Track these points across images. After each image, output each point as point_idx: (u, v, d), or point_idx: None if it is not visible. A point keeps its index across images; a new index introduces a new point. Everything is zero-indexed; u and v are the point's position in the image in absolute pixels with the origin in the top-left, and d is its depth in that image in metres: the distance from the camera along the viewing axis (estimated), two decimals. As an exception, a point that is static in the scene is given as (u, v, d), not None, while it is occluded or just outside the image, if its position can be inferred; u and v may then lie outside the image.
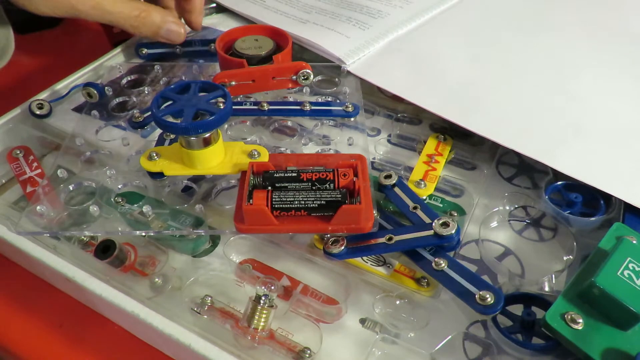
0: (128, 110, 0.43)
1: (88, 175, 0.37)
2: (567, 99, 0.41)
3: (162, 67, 0.47)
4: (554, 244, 0.35)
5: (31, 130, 0.42)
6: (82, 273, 0.30)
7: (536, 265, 0.33)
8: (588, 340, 0.26)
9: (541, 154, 0.36)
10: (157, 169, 0.34)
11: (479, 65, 0.45)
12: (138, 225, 0.34)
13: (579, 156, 0.36)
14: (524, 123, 0.39)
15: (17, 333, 0.33)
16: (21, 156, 0.40)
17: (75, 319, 0.34)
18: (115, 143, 0.40)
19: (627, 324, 0.26)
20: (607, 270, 0.27)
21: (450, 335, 0.29)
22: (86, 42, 0.62)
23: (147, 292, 0.31)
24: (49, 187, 0.36)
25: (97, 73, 0.47)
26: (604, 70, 0.44)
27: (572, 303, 0.28)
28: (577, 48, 0.47)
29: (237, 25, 0.51)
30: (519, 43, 0.48)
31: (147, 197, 0.36)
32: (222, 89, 0.33)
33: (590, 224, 0.34)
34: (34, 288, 0.35)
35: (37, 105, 0.42)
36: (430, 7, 0.52)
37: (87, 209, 0.34)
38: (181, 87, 0.33)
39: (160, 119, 0.31)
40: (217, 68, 0.46)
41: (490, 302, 0.27)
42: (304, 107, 0.40)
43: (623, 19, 0.51)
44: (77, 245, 0.34)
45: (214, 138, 0.32)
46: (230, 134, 0.41)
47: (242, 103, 0.40)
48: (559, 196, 0.36)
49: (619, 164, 0.36)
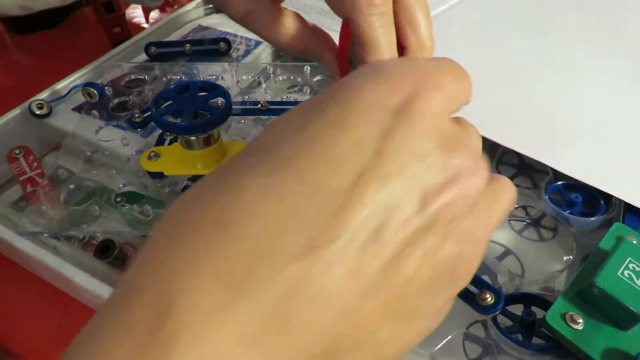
0: (128, 110, 0.43)
1: (88, 175, 0.37)
2: (567, 98, 0.41)
3: (162, 67, 0.47)
4: (554, 244, 0.35)
5: (31, 130, 0.42)
6: (82, 273, 0.30)
7: (536, 265, 0.33)
8: (588, 340, 0.26)
9: (541, 154, 0.36)
10: (157, 169, 0.34)
11: (478, 65, 0.45)
12: (138, 225, 0.34)
13: (579, 156, 0.36)
14: (524, 123, 0.39)
15: (17, 333, 0.33)
16: (21, 156, 0.40)
17: (75, 319, 0.34)
18: (115, 143, 0.40)
19: (627, 324, 0.26)
20: (607, 270, 0.27)
21: (450, 335, 0.29)
22: (86, 42, 0.62)
23: (147, 292, 0.31)
24: (49, 187, 0.36)
25: (97, 73, 0.47)
26: (604, 70, 0.44)
27: (572, 303, 0.28)
28: (577, 48, 0.47)
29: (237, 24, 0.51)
30: (519, 43, 0.47)
31: (147, 197, 0.36)
32: (222, 88, 0.33)
33: (590, 224, 0.34)
34: (34, 288, 0.35)
35: (37, 105, 0.42)
36: (430, 6, 0.52)
37: (87, 209, 0.34)
38: (181, 87, 0.33)
39: (160, 119, 0.31)
40: (217, 68, 0.46)
41: (490, 302, 0.27)
42: (304, 107, 0.40)
43: (624, 19, 0.51)
44: (77, 245, 0.34)
45: (213, 138, 0.32)
46: (230, 134, 0.41)
47: (242, 103, 0.40)
48: (559, 196, 0.36)
49: (619, 164, 0.36)
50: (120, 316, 0.14)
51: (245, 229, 0.14)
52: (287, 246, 0.14)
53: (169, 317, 0.13)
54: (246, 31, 0.52)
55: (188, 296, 0.13)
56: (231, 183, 0.15)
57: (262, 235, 0.14)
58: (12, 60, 0.58)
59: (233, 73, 0.46)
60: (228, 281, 0.13)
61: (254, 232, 0.14)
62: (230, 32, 0.52)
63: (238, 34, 0.52)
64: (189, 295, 0.13)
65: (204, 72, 0.46)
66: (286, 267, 0.14)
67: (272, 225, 0.14)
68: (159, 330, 0.13)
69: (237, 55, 0.50)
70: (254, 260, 0.14)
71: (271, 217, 0.14)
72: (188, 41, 0.49)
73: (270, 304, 0.13)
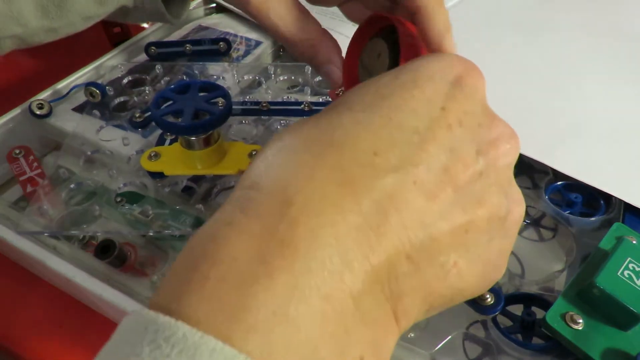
0: (129, 110, 0.43)
1: (88, 175, 0.37)
2: (567, 99, 0.41)
3: (163, 66, 0.47)
4: (554, 244, 0.35)
5: (31, 130, 0.42)
6: (82, 273, 0.30)
7: (536, 265, 0.33)
8: (588, 340, 0.26)
9: (541, 154, 0.36)
10: (158, 168, 0.34)
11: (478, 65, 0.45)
12: (138, 225, 0.34)
13: (579, 156, 0.36)
14: (524, 123, 0.39)
15: (17, 333, 0.33)
16: (21, 156, 0.40)
17: (75, 319, 0.34)
18: (115, 143, 0.40)
19: (627, 324, 0.26)
20: (607, 271, 0.27)
21: (450, 335, 0.29)
22: (86, 42, 0.62)
23: (147, 292, 0.31)
24: (49, 187, 0.36)
25: (98, 73, 0.47)
26: (604, 70, 0.44)
27: (572, 303, 0.28)
28: (577, 48, 0.47)
29: (237, 24, 0.51)
30: (519, 43, 0.47)
31: (148, 197, 0.36)
32: (222, 88, 0.33)
33: (590, 224, 0.34)
34: (34, 288, 0.35)
35: (38, 105, 0.42)
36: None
37: (87, 209, 0.34)
38: (181, 86, 0.33)
39: (160, 119, 0.31)
40: (217, 68, 0.46)
41: (490, 302, 0.27)
42: (304, 107, 0.40)
43: (624, 19, 0.51)
44: (77, 245, 0.34)
45: (214, 138, 0.32)
46: (231, 134, 0.41)
47: (242, 103, 0.40)
48: (559, 196, 0.36)
49: (619, 164, 0.36)
50: (246, 206, 0.16)
51: (346, 147, 0.17)
52: (383, 162, 0.17)
53: (293, 205, 0.16)
54: (246, 31, 0.53)
55: (307, 191, 0.16)
56: (333, 116, 0.19)
57: (362, 153, 0.17)
58: (12, 60, 0.58)
59: (233, 73, 0.46)
60: (339, 181, 0.17)
61: (356, 149, 0.17)
62: (231, 32, 0.52)
63: (238, 34, 0.52)
64: (308, 191, 0.16)
65: (204, 72, 0.46)
66: (384, 177, 0.17)
67: (370, 146, 0.17)
68: (286, 213, 0.16)
69: (237, 55, 0.50)
70: (357, 170, 0.17)
71: (368, 140, 0.18)
72: (188, 41, 0.49)
73: (371, 204, 0.16)
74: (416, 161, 0.17)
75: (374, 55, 0.27)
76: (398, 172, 0.17)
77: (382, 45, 0.26)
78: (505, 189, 0.20)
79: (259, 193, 0.17)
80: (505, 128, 0.21)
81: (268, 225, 0.16)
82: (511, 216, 0.20)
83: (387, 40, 0.26)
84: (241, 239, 0.15)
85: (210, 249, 0.15)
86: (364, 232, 0.16)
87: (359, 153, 0.17)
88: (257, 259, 0.15)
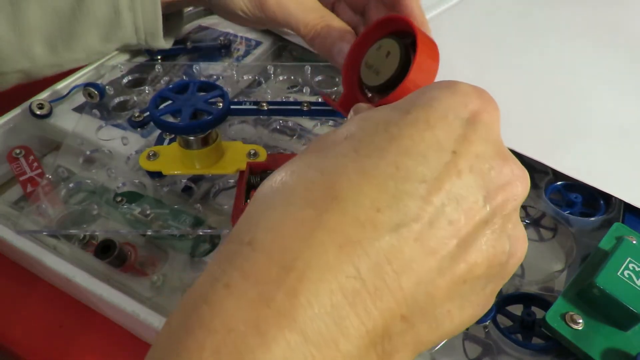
0: (128, 110, 0.43)
1: (88, 175, 0.37)
2: (567, 99, 0.41)
3: (162, 66, 0.47)
4: (554, 244, 0.35)
5: (31, 130, 0.42)
6: (82, 273, 0.30)
7: (536, 265, 0.33)
8: (588, 340, 0.26)
9: (541, 154, 0.36)
10: (156, 168, 0.34)
11: (478, 65, 0.45)
12: (137, 225, 0.34)
13: (579, 156, 0.36)
14: (524, 123, 0.39)
15: (17, 333, 0.33)
16: (21, 156, 0.40)
17: (75, 319, 0.34)
18: (115, 142, 0.40)
19: (627, 324, 0.26)
20: (607, 271, 0.27)
21: (449, 335, 0.29)
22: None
23: (147, 292, 0.31)
24: (49, 186, 0.36)
25: (98, 73, 0.47)
26: (604, 70, 0.44)
27: (572, 303, 0.28)
28: (577, 48, 0.47)
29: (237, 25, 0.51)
30: (519, 43, 0.47)
31: (147, 196, 0.36)
32: (221, 88, 0.33)
33: (590, 224, 0.34)
34: (34, 288, 0.35)
35: (38, 105, 0.42)
36: (430, 7, 0.52)
37: (87, 209, 0.34)
38: (179, 86, 0.33)
39: (158, 119, 0.31)
40: (217, 68, 0.46)
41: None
42: (303, 107, 0.40)
43: (624, 19, 0.51)
44: (77, 245, 0.34)
45: (212, 138, 0.32)
46: (230, 134, 0.41)
47: (241, 103, 0.40)
48: (559, 196, 0.36)
49: (619, 164, 0.36)
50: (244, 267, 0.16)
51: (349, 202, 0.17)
52: (385, 220, 0.17)
53: (292, 271, 0.16)
54: (246, 31, 0.53)
55: (306, 256, 0.16)
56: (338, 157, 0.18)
57: (364, 210, 0.17)
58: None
59: (233, 73, 0.46)
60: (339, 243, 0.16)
61: (359, 205, 0.17)
62: (231, 32, 0.52)
63: (238, 34, 0.52)
64: (307, 256, 0.16)
65: (204, 72, 0.46)
66: (385, 236, 0.16)
67: (373, 202, 0.17)
68: (284, 280, 0.15)
69: (237, 55, 0.50)
70: (357, 231, 0.16)
71: (371, 195, 0.17)
72: (188, 41, 0.49)
73: (370, 267, 0.16)
74: (420, 216, 0.17)
75: (382, 54, 0.27)
76: (399, 230, 0.17)
77: (393, 45, 0.26)
78: (509, 232, 0.19)
79: (257, 253, 0.17)
80: (517, 169, 0.20)
81: (266, 294, 0.15)
82: (512, 259, 0.20)
83: (398, 42, 0.26)
84: (238, 306, 0.15)
85: (206, 315, 0.16)
86: (361, 297, 0.16)
87: (361, 210, 0.17)
88: (254, 329, 0.15)
